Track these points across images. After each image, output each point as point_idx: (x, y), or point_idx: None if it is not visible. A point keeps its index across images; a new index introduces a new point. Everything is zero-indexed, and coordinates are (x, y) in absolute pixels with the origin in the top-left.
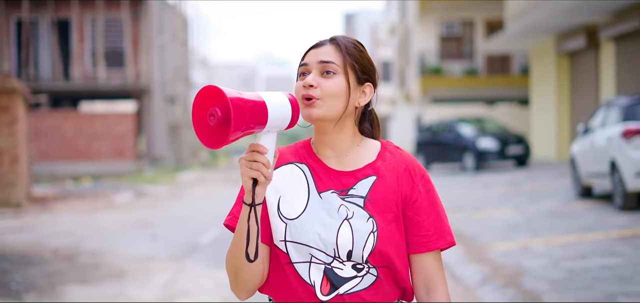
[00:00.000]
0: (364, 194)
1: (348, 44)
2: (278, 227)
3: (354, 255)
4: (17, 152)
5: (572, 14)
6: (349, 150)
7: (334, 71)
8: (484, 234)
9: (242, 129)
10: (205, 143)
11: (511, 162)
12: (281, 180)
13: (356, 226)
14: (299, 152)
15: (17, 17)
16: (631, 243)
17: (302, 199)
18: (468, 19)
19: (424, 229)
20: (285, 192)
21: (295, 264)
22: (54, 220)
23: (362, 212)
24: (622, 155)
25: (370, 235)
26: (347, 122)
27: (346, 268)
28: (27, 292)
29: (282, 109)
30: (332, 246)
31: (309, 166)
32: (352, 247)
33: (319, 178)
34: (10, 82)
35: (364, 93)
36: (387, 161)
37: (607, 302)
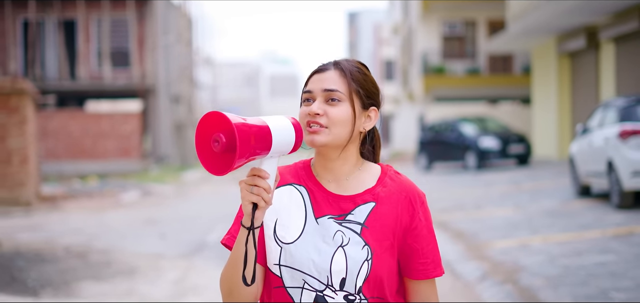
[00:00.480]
0: (362, 221)
1: (353, 70)
2: (273, 250)
3: (347, 284)
4: (27, 152)
5: (573, 14)
6: (349, 174)
7: (339, 99)
8: (484, 232)
9: (246, 155)
10: (209, 169)
11: (513, 161)
12: (279, 202)
13: (350, 253)
14: (299, 174)
15: (24, 18)
16: (626, 240)
17: (298, 224)
18: (470, 19)
19: (423, 257)
20: (283, 215)
21: (288, 288)
22: (63, 218)
23: (357, 239)
24: (618, 155)
25: (365, 263)
26: (351, 147)
27: (338, 297)
28: (43, 289)
29: (285, 134)
30: (326, 273)
31: (308, 189)
32: (346, 274)
33: (316, 203)
34: (20, 83)
35: (369, 117)
36: (387, 187)
37: (599, 302)
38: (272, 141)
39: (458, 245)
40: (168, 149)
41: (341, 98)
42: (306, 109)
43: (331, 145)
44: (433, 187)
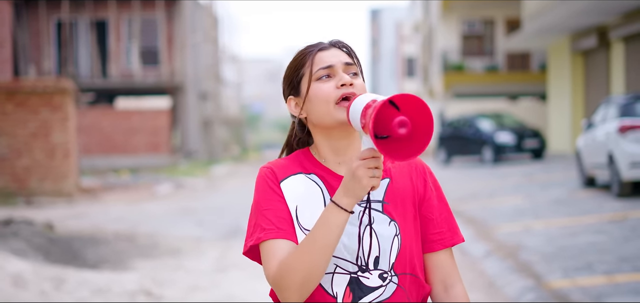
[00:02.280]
0: (381, 198)
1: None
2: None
3: (381, 262)
4: (69, 146)
5: (584, 15)
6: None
7: (355, 72)
8: (493, 218)
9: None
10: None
11: (528, 155)
12: (296, 189)
13: (380, 231)
14: (303, 163)
15: (57, 18)
16: (619, 224)
17: (318, 212)
18: (489, 18)
19: (438, 226)
20: (301, 204)
21: None
22: (105, 208)
23: (382, 217)
24: (618, 148)
25: (395, 239)
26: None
27: (373, 277)
28: (102, 264)
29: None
30: (358, 255)
31: (319, 176)
32: (379, 252)
33: (331, 188)
34: (63, 82)
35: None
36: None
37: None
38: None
39: (469, 229)
40: (196, 144)
41: (357, 72)
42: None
43: None
44: (451, 179)
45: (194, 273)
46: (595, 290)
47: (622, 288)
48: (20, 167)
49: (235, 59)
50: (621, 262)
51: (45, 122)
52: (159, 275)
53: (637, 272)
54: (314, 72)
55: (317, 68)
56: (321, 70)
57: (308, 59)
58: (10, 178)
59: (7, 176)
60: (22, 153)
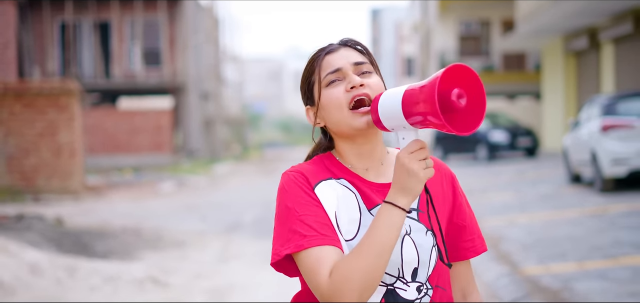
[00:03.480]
0: (416, 206)
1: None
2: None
3: (420, 274)
4: (75, 145)
5: (576, 16)
6: (382, 160)
7: (369, 71)
8: (481, 212)
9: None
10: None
11: (521, 153)
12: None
13: (418, 241)
14: (330, 169)
15: (61, 20)
16: (598, 218)
17: (354, 218)
18: (485, 19)
19: (469, 233)
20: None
21: None
22: (110, 205)
23: (418, 226)
24: (600, 146)
25: (433, 249)
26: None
27: (410, 289)
28: (111, 255)
29: None
30: (397, 265)
31: (350, 182)
32: (418, 264)
33: (364, 195)
34: (69, 84)
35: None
36: None
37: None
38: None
39: None
40: (198, 143)
41: (371, 70)
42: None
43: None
44: None
45: (198, 263)
46: (565, 276)
47: (590, 273)
48: (28, 165)
49: (236, 59)
50: (593, 250)
51: (52, 122)
52: (165, 265)
53: (606, 259)
54: (323, 78)
55: (325, 73)
56: (330, 75)
57: (317, 65)
58: (18, 177)
59: (15, 174)
60: (29, 152)
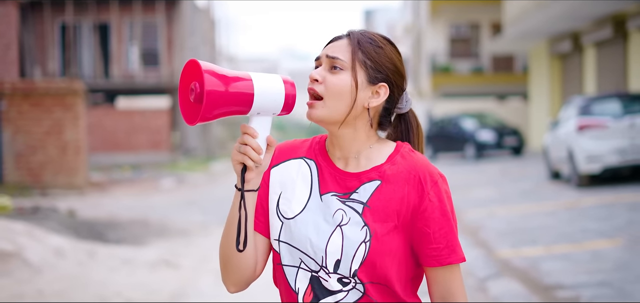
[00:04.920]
0: (365, 200)
1: (363, 39)
2: (275, 225)
3: (342, 267)
4: (80, 143)
5: (560, 20)
6: (359, 152)
7: (341, 67)
8: (464, 205)
9: (219, 107)
10: (185, 118)
11: (508, 152)
12: (287, 175)
13: (348, 234)
14: (313, 148)
15: (62, 21)
16: (570, 210)
17: (302, 199)
18: (475, 22)
19: (435, 242)
20: (288, 188)
21: (285, 266)
22: (114, 200)
23: (358, 219)
24: (576, 144)
25: (362, 245)
26: (358, 123)
27: (331, 280)
28: (122, 242)
29: (272, 93)
30: (321, 253)
31: (318, 164)
32: (341, 256)
33: (323, 179)
34: (75, 84)
35: (377, 94)
36: (397, 165)
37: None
38: (254, 98)
39: None
40: (194, 142)
41: (343, 66)
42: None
43: (328, 121)
44: None
45: (204, 248)
46: (534, 258)
47: (555, 256)
48: (35, 162)
49: (232, 59)
50: (561, 237)
51: (58, 120)
52: (174, 249)
53: (571, 243)
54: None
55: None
56: (315, 62)
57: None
58: (26, 173)
59: (23, 170)
60: (36, 150)
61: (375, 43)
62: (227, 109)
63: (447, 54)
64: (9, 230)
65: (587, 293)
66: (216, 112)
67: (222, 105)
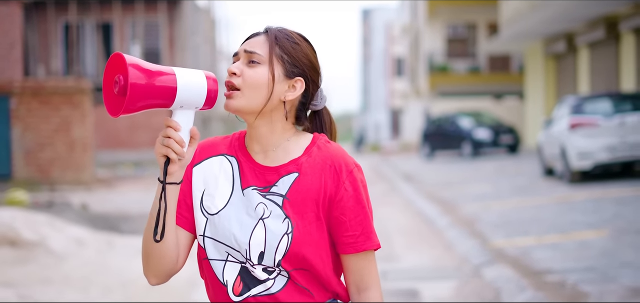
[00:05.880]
0: (284, 192)
1: (280, 35)
2: (199, 221)
3: (266, 258)
4: (87, 140)
5: (554, 22)
6: (277, 145)
7: (258, 61)
8: (460, 200)
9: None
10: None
11: (503, 150)
12: (209, 171)
13: (270, 226)
14: (233, 144)
15: (65, 21)
16: (561, 204)
17: (225, 194)
18: (472, 22)
19: (351, 229)
20: (211, 185)
21: (211, 261)
22: (121, 196)
23: (279, 212)
24: (568, 142)
25: (284, 237)
26: (274, 116)
27: (257, 270)
28: (136, 233)
29: (194, 87)
30: (245, 247)
31: (238, 160)
32: (264, 248)
33: (244, 174)
34: (82, 82)
35: (293, 87)
36: (313, 157)
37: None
38: (176, 92)
39: (438, 207)
40: None
41: (261, 61)
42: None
43: (245, 111)
44: (432, 170)
45: None
46: (525, 247)
47: (545, 245)
48: (44, 158)
49: (231, 58)
50: (551, 228)
51: (66, 118)
52: None
53: (561, 234)
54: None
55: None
56: (233, 58)
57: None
58: (35, 169)
59: (32, 167)
60: (45, 147)
61: (291, 39)
62: (150, 101)
63: (445, 54)
64: (31, 221)
65: (574, 277)
66: (139, 104)
67: (145, 98)
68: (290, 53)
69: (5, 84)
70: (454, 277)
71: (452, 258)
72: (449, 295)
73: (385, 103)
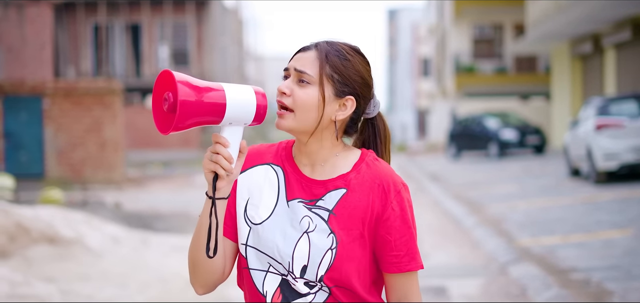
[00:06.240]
0: (330, 207)
1: (330, 52)
2: (242, 230)
3: (308, 272)
4: (118, 140)
5: (581, 23)
6: (326, 160)
7: (308, 81)
8: (486, 200)
9: (192, 117)
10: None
11: (530, 150)
12: (254, 180)
13: (314, 241)
14: (279, 154)
15: (95, 22)
16: (587, 204)
17: (269, 205)
18: (498, 23)
19: (396, 249)
20: (255, 194)
21: (252, 270)
22: (152, 195)
23: (324, 226)
24: (594, 143)
25: (328, 252)
26: (324, 134)
27: (299, 284)
28: (169, 231)
29: (243, 103)
30: (288, 259)
31: (284, 170)
32: (307, 262)
33: (290, 185)
34: (113, 84)
35: (343, 106)
36: (362, 174)
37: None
38: (226, 109)
39: (465, 207)
40: None
41: (311, 81)
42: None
43: (297, 131)
44: (459, 171)
45: None
46: (551, 246)
47: (571, 244)
48: (75, 158)
49: (259, 58)
50: (577, 227)
51: (98, 118)
52: None
53: (585, 233)
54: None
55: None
56: (284, 72)
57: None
58: (67, 168)
59: (64, 166)
60: (77, 146)
61: (342, 55)
62: (199, 118)
63: (471, 54)
64: (69, 219)
65: (598, 275)
66: (189, 121)
67: (194, 115)
68: (340, 71)
69: (38, 85)
70: (481, 274)
71: (479, 257)
72: (477, 293)
73: (412, 103)
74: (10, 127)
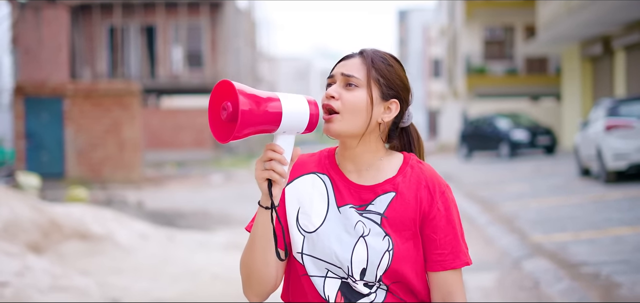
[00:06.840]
0: (382, 211)
1: (376, 58)
2: (296, 239)
3: (368, 274)
4: (136, 141)
5: (591, 25)
6: (370, 165)
7: (356, 84)
8: (499, 198)
9: (251, 126)
10: (216, 136)
11: (540, 151)
12: (303, 190)
13: (372, 244)
14: (323, 162)
15: (110, 24)
16: (596, 202)
17: (321, 212)
18: (509, 24)
19: (440, 248)
20: (305, 203)
21: (312, 277)
22: (170, 194)
23: (378, 230)
24: (604, 143)
25: (386, 254)
26: (371, 137)
27: (359, 285)
28: (191, 228)
29: (298, 113)
30: (347, 263)
31: (331, 178)
32: (366, 265)
33: (339, 192)
34: (132, 85)
35: (389, 109)
36: (408, 177)
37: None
38: (282, 117)
39: (478, 206)
40: (236, 140)
41: (359, 84)
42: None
43: (346, 134)
44: (470, 171)
45: None
46: (563, 242)
47: (582, 241)
48: (95, 158)
49: (271, 59)
50: (587, 224)
51: (117, 119)
52: (240, 235)
53: (596, 230)
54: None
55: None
56: (328, 79)
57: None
58: (87, 168)
59: (84, 166)
60: (97, 147)
61: (386, 61)
62: (257, 127)
63: (482, 56)
64: (100, 216)
65: (608, 269)
66: (247, 130)
67: (253, 125)
68: (385, 75)
69: (59, 86)
70: (495, 268)
71: (493, 252)
72: (492, 285)
73: (423, 104)
74: (32, 128)
